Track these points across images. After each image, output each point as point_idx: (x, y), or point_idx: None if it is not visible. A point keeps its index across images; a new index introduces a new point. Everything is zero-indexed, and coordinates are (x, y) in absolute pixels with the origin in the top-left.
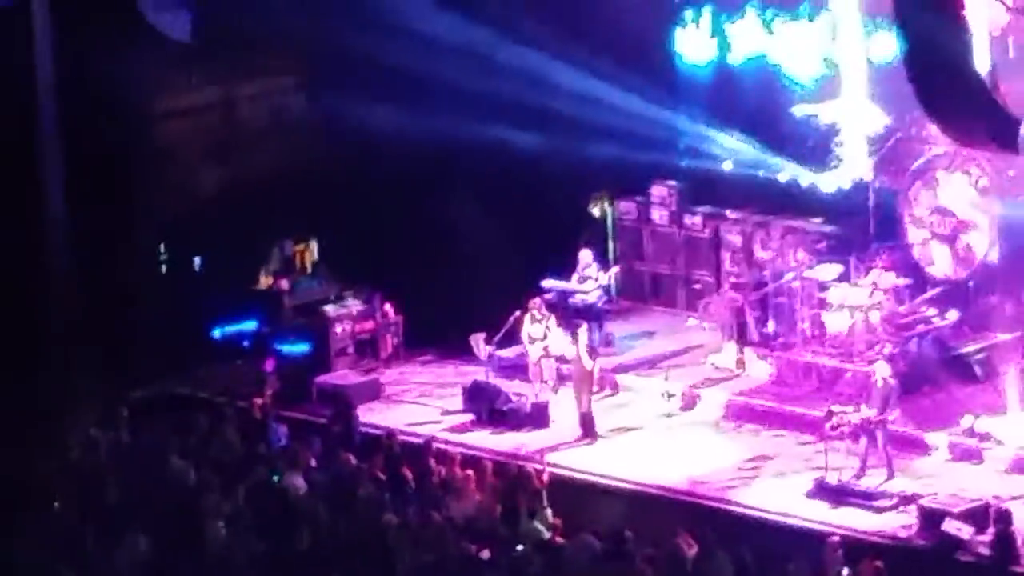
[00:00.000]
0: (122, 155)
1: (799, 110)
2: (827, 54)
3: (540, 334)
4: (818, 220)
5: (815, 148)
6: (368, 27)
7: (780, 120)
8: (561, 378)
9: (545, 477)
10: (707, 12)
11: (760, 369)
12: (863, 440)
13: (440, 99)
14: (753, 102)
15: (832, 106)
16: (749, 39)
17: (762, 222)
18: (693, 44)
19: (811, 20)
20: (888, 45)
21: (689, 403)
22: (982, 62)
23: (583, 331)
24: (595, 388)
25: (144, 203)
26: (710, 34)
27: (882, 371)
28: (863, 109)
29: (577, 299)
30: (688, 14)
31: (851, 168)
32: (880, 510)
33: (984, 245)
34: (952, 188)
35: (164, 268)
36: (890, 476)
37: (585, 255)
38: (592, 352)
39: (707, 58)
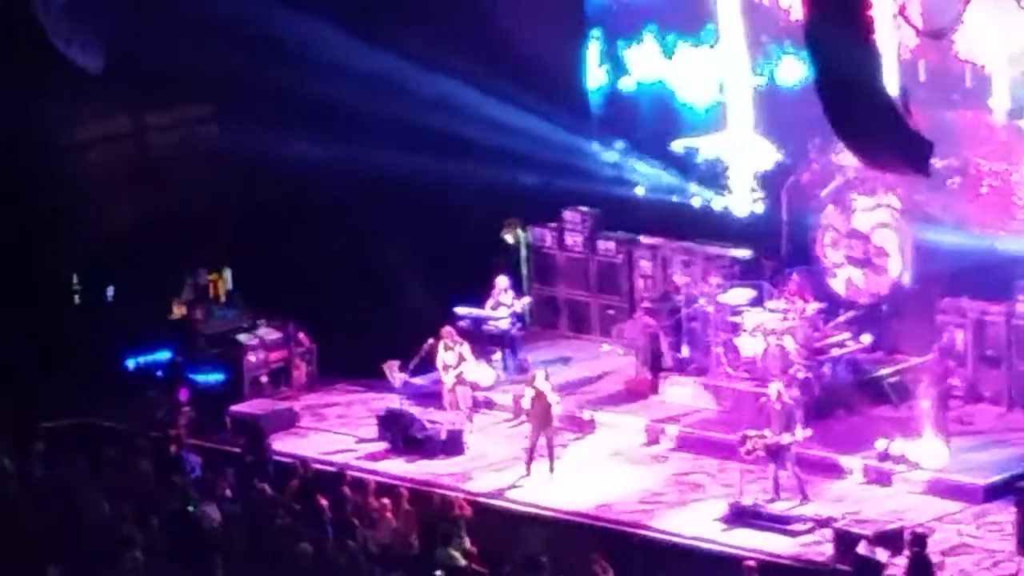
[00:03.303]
0: (34, 185)
1: (680, 144)
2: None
3: (454, 361)
4: (731, 245)
5: (706, 177)
6: (279, 57)
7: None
8: (476, 405)
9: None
10: (595, 38)
11: (680, 395)
12: (773, 464)
13: (352, 127)
14: (647, 128)
15: (715, 139)
16: (646, 64)
17: (675, 247)
18: (590, 71)
19: (713, 46)
20: (796, 69)
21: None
22: (892, 85)
23: (541, 373)
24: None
25: (56, 233)
26: (599, 60)
27: (777, 392)
28: (749, 142)
29: (491, 326)
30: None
31: (741, 199)
32: (795, 534)
33: (897, 268)
34: (865, 212)
35: (77, 298)
36: (803, 499)
37: (501, 281)
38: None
39: (598, 84)
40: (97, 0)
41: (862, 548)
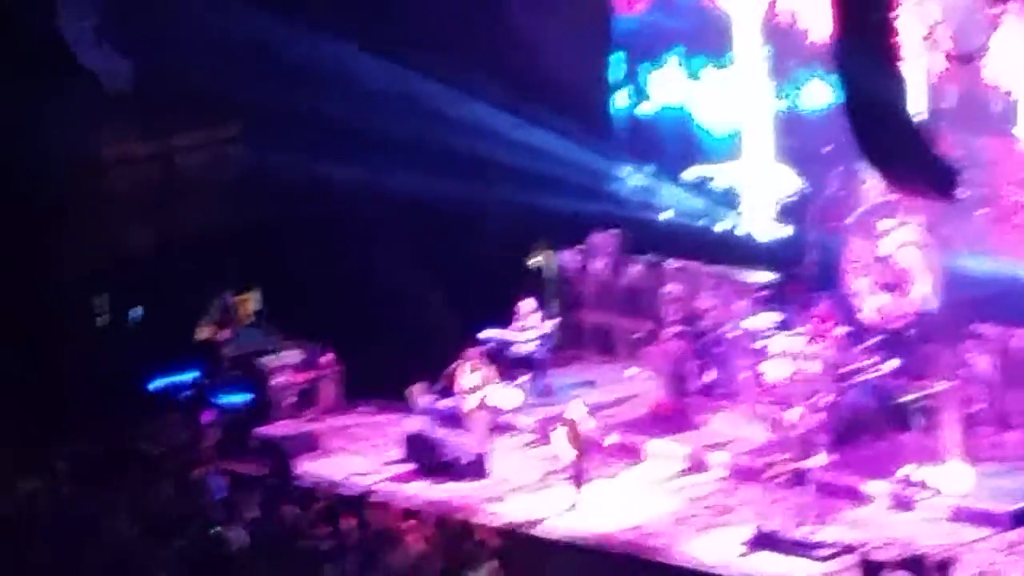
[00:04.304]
0: (60, 205)
1: (693, 172)
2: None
3: (478, 383)
4: (759, 269)
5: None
6: (306, 77)
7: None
8: (498, 428)
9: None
10: (616, 62)
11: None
12: (796, 489)
13: (379, 149)
14: (667, 153)
15: (731, 168)
16: (668, 88)
17: (702, 271)
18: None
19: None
20: (823, 93)
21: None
22: (920, 110)
23: (578, 402)
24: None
25: (81, 254)
26: (619, 84)
27: (794, 418)
28: (766, 171)
29: (517, 349)
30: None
31: (758, 228)
32: (819, 559)
33: (924, 294)
34: (892, 237)
35: (102, 319)
36: (820, 524)
37: (526, 304)
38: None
39: (620, 107)
40: (125, 22)
41: (886, 574)
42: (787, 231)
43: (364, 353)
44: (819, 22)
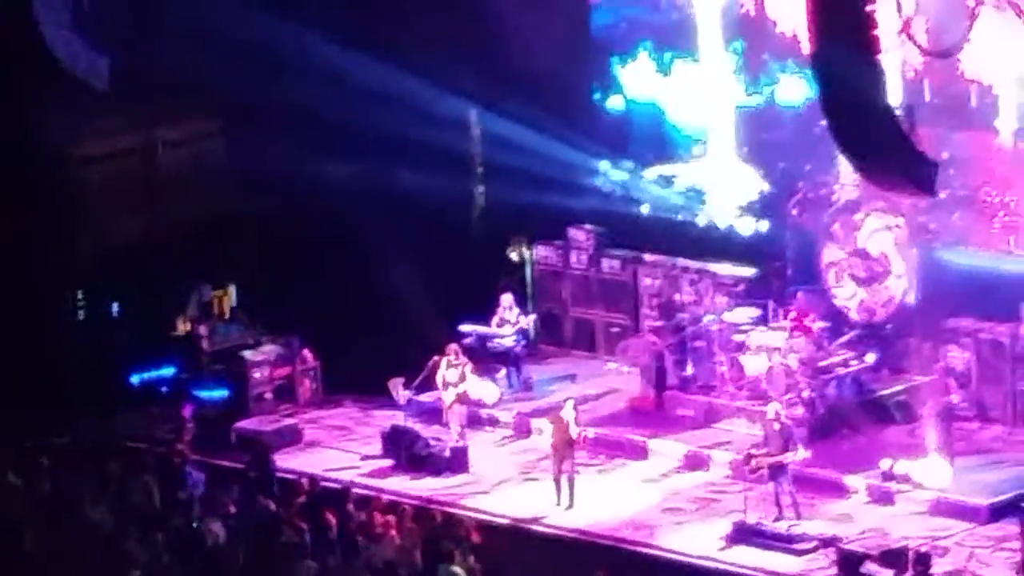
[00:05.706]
0: (40, 199)
1: (654, 172)
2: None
3: (456, 379)
4: (737, 263)
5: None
6: (288, 73)
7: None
8: (478, 422)
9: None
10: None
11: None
12: (772, 483)
13: (359, 144)
14: (635, 149)
15: (694, 167)
16: (639, 82)
17: (680, 265)
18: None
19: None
20: (796, 88)
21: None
22: (897, 104)
23: (570, 404)
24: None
25: (61, 248)
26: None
27: (775, 412)
28: (730, 170)
29: (496, 343)
30: None
31: (729, 222)
32: (799, 553)
33: (902, 288)
34: (869, 231)
35: (82, 314)
36: (797, 517)
37: (505, 299)
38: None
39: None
40: (104, 16)
41: (866, 568)
42: (764, 226)
43: (342, 348)
44: (788, 14)
